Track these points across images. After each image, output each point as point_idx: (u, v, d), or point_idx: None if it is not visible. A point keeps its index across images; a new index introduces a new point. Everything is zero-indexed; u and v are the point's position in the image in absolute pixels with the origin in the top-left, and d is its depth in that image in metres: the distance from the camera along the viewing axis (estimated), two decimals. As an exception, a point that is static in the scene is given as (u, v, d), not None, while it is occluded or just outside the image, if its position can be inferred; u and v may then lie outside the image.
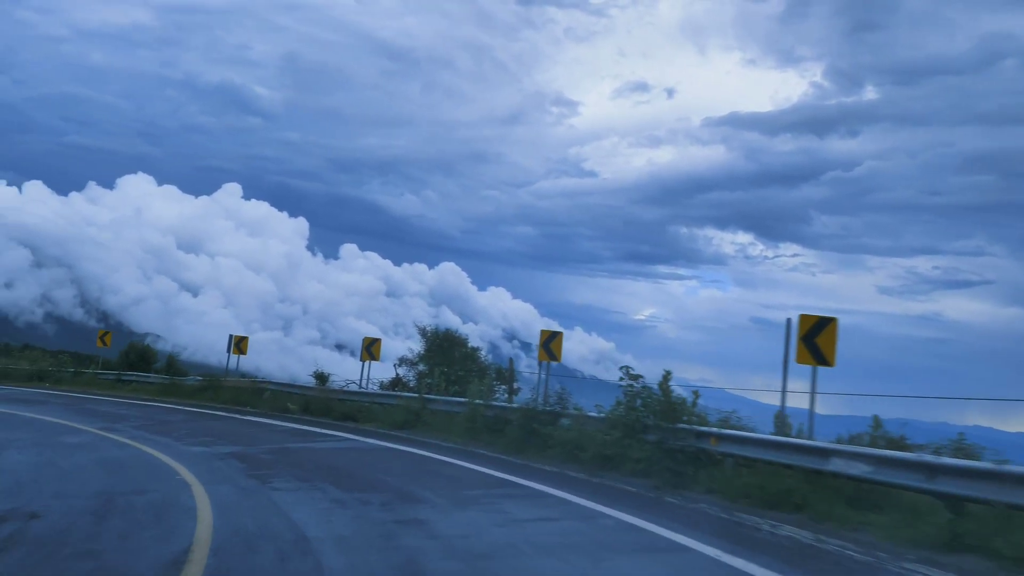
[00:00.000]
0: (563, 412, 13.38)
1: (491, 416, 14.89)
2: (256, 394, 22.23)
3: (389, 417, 17.37)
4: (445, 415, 16.33)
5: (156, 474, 10.55)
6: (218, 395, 22.20)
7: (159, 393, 23.65)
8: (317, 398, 19.97)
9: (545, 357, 16.12)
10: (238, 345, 24.46)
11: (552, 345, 16.11)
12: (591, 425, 12.26)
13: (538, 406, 13.85)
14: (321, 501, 8.48)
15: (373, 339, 20.96)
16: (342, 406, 19.04)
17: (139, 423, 17.19)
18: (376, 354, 20.84)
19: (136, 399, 22.74)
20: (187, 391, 23.32)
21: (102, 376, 27.34)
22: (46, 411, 18.96)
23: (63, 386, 26.02)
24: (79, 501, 8.17)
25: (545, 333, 16.22)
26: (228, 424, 17.66)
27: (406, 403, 17.40)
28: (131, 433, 15.22)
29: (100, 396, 23.27)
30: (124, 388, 25.06)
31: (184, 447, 13.40)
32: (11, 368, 28.62)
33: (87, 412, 19.22)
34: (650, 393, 11.31)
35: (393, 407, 17.89)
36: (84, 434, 15.05)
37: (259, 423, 17.88)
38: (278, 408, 20.24)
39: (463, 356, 23.48)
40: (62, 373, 27.20)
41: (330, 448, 13.80)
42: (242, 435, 15.64)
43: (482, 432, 14.76)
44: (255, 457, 12.28)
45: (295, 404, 20.13)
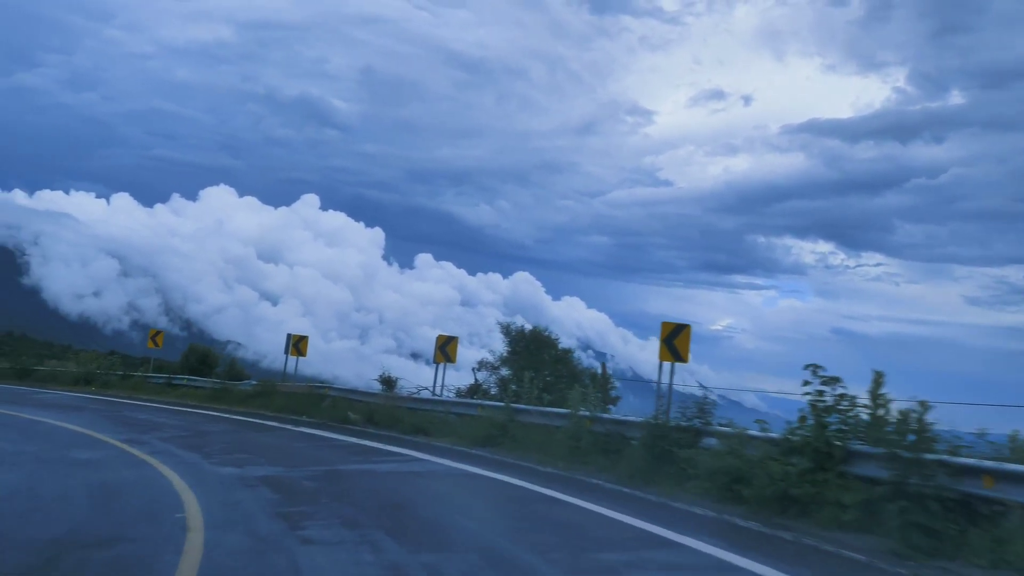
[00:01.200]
0: (708, 429, 9.98)
1: (602, 433, 11.61)
2: (314, 401, 19.57)
3: (468, 431, 14.29)
4: (539, 430, 13.14)
5: (153, 510, 7.84)
6: (271, 402, 19.65)
7: (208, 399, 21.34)
8: (383, 407, 17.10)
9: (668, 357, 12.74)
10: (296, 345, 21.91)
11: (677, 342, 12.71)
12: (754, 448, 8.83)
13: (669, 420, 10.48)
14: (369, 570, 5.40)
15: (448, 337, 17.97)
16: (412, 416, 16.09)
17: (172, 434, 14.66)
18: (452, 355, 17.83)
19: (181, 405, 20.44)
20: (238, 397, 20.91)
21: (152, 380, 25.35)
22: (76, 418, 16.72)
23: (110, 390, 24.14)
24: (12, 555, 5.47)
25: (667, 327, 12.83)
26: (274, 437, 14.93)
27: (490, 414, 14.29)
28: (157, 447, 12.69)
29: (143, 402, 21.10)
30: (173, 393, 22.89)
31: (211, 467, 10.69)
32: (59, 371, 27.02)
33: (120, 420, 16.87)
34: (852, 404, 7.84)
35: (473, 419, 14.82)
36: (102, 447, 12.64)
37: (311, 436, 15.08)
38: (337, 418, 17.47)
39: (554, 359, 20.28)
40: (110, 376, 25.35)
41: (393, 472, 10.78)
42: (287, 452, 12.83)
43: (590, 453, 11.51)
44: (294, 484, 9.38)
45: (357, 413, 17.32)
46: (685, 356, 12.73)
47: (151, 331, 26.61)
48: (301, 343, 22.06)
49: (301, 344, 22.04)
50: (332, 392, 20.07)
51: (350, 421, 17.13)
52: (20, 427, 15.33)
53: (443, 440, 14.51)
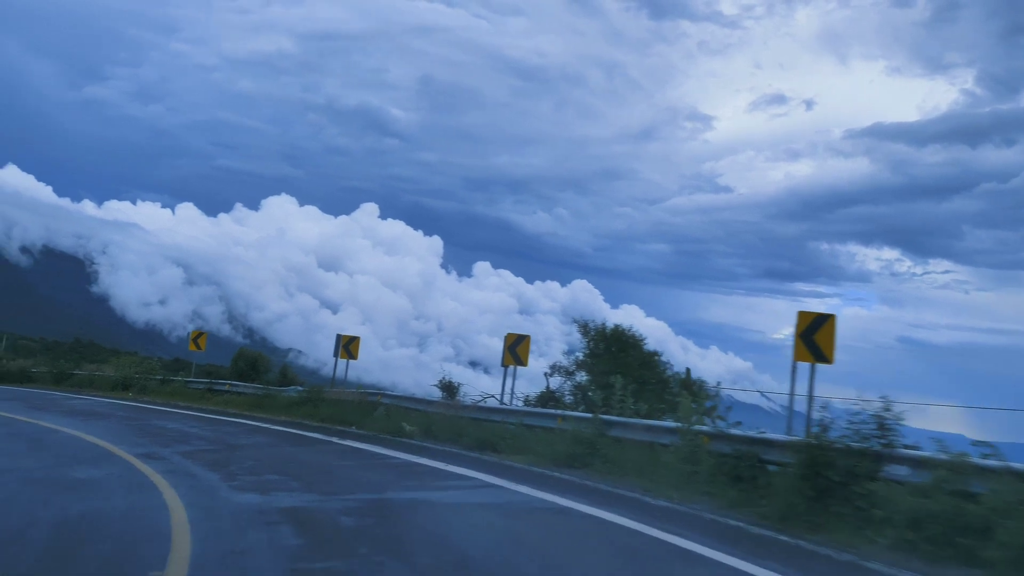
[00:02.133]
0: (894, 453, 7.24)
1: (728, 455, 8.96)
2: (365, 410, 17.35)
3: (547, 447, 11.78)
4: (638, 448, 10.56)
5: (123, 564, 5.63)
6: (317, 410, 17.51)
7: (250, 406, 19.37)
8: (443, 417, 14.72)
9: (807, 356, 10.04)
10: (346, 347, 19.77)
11: (819, 336, 9.99)
12: (985, 483, 6.09)
13: (831, 439, 7.76)
14: None
15: (518, 336, 15.51)
16: (477, 429, 13.66)
17: (197, 447, 12.58)
18: (523, 357, 15.37)
19: (218, 414, 18.49)
20: (282, 405, 18.87)
21: (192, 385, 23.60)
22: (97, 427, 14.85)
23: (147, 396, 22.49)
24: None
25: (805, 318, 10.13)
26: (315, 452, 12.69)
27: (573, 427, 11.75)
28: (174, 464, 10.60)
29: (179, 409, 19.24)
30: (213, 400, 21.05)
31: (229, 493, 8.48)
32: (96, 376, 25.52)
33: (145, 430, 14.92)
34: None
35: (552, 433, 12.32)
36: (110, 464, 10.67)
37: (359, 452, 12.79)
38: (390, 429, 15.16)
39: (640, 362, 17.59)
40: (149, 380, 23.69)
41: (458, 504, 8.36)
42: (327, 472, 10.54)
43: (714, 481, 8.87)
44: (327, 521, 7.04)
45: (413, 424, 14.99)
46: (830, 355, 10.08)
47: (192, 332, 24.95)
48: (352, 345, 19.92)
49: (352, 346, 19.90)
50: (385, 399, 17.82)
51: (405, 433, 14.81)
52: (31, 437, 13.51)
53: (516, 458, 12.01)
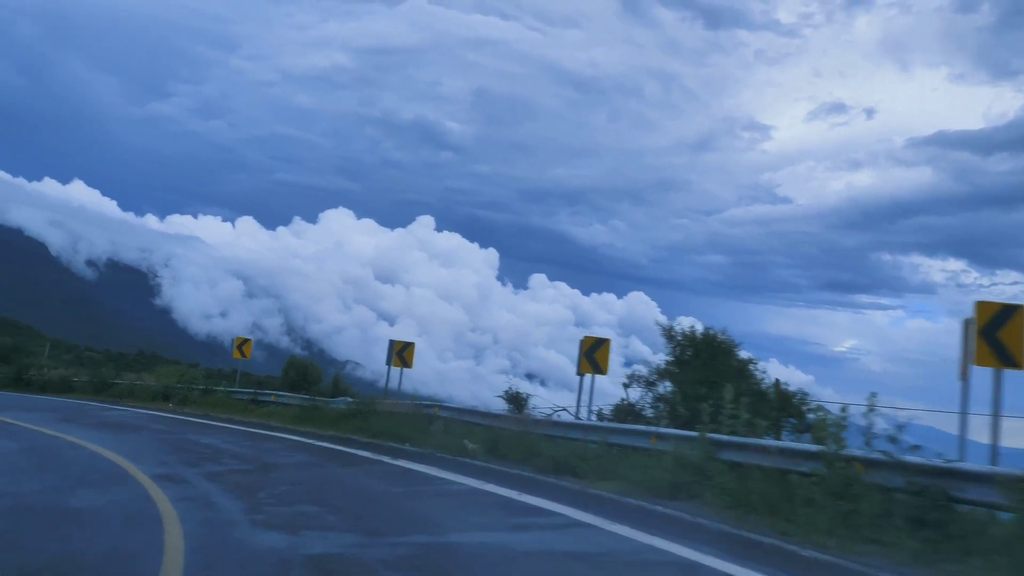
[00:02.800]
0: None
1: (903, 489, 6.73)
2: (420, 424, 15.48)
3: (641, 472, 9.68)
4: (764, 476, 8.36)
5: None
6: (368, 424, 15.68)
7: (295, 420, 17.71)
8: (510, 433, 12.71)
9: (991, 360, 7.75)
10: (400, 354, 17.96)
11: (1005, 333, 7.70)
12: None
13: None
14: None
15: (596, 340, 13.45)
16: (551, 448, 11.63)
17: (227, 467, 10.86)
18: (603, 364, 13.30)
19: (260, 427, 16.84)
20: (329, 418, 17.12)
21: (235, 395, 22.11)
22: (124, 442, 13.35)
23: (187, 407, 21.08)
24: None
25: (987, 310, 7.84)
26: (363, 475, 10.83)
27: (674, 448, 9.60)
28: (194, 489, 8.92)
29: (219, 421, 17.68)
30: (256, 412, 19.47)
31: (248, 532, 6.69)
32: (137, 386, 24.26)
33: (175, 445, 13.31)
34: None
35: (645, 455, 10.21)
36: (121, 487, 9.17)
37: (413, 475, 10.88)
38: (450, 447, 13.22)
39: (733, 370, 15.35)
40: (191, 390, 22.29)
41: (542, 553, 6.35)
42: (373, 503, 8.64)
43: (882, 525, 6.64)
44: (364, 585, 5.10)
45: (476, 441, 13.01)
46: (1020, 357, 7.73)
47: (237, 339, 23.58)
48: (406, 352, 18.10)
49: (406, 353, 18.08)
50: (443, 412, 15.91)
51: (467, 452, 12.84)
52: (48, 453, 12.01)
53: (603, 485, 9.92)
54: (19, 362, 31.10)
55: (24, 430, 14.85)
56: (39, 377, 27.98)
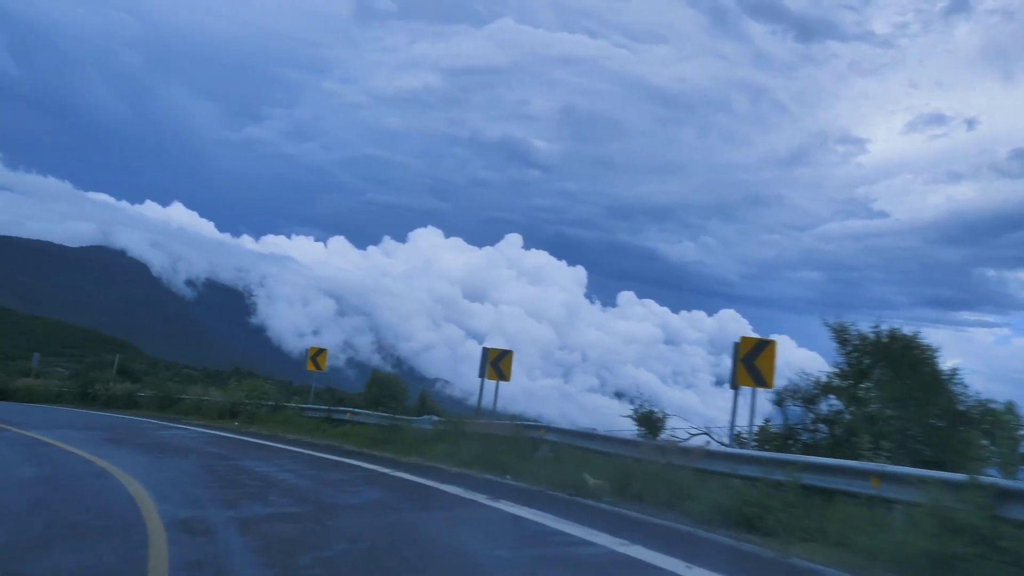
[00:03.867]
0: None
1: None
2: (522, 450, 12.47)
3: (863, 534, 6.33)
4: None
5: None
6: (457, 449, 12.76)
7: (371, 442, 14.97)
8: (646, 466, 9.52)
9: None
10: (496, 365, 15.04)
11: None
12: None
13: None
14: None
15: (757, 341, 10.12)
16: (708, 489, 8.40)
17: (272, 510, 8.11)
18: (767, 373, 9.95)
19: (330, 451, 14.15)
20: (411, 440, 14.29)
21: (308, 412, 19.64)
22: (162, 470, 10.92)
23: (254, 426, 18.71)
24: None
25: None
26: (451, 526, 7.87)
27: (929, 499, 6.22)
28: (213, 548, 6.27)
29: (282, 444, 15.13)
30: (329, 432, 16.86)
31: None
32: (204, 401, 22.12)
33: (221, 475, 10.71)
34: None
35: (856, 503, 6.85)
36: (118, 539, 6.80)
37: (523, 524, 7.83)
38: (564, 482, 10.14)
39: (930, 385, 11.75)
40: (260, 407, 19.93)
41: None
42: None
43: None
44: None
45: (598, 475, 9.86)
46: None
47: (311, 349, 21.19)
48: (503, 361, 15.16)
49: (503, 363, 15.14)
50: (551, 436, 12.84)
51: (587, 490, 9.72)
52: (60, 485, 9.63)
53: (811, 554, 6.62)
54: (84, 376, 29.99)
55: (57, 453, 12.64)
56: (104, 392, 26.50)
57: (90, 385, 27.52)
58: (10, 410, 22.73)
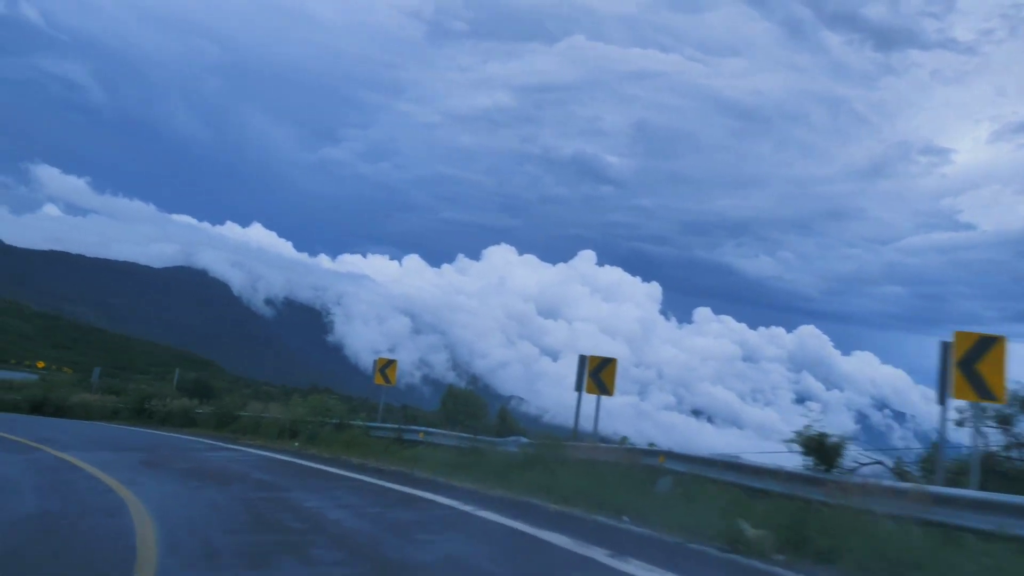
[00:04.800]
0: None
1: None
2: (637, 482, 9.84)
3: None
4: None
5: None
6: (554, 479, 10.21)
7: (448, 467, 12.50)
8: (828, 510, 6.79)
9: None
10: (596, 375, 12.48)
11: None
12: None
13: None
14: None
15: (981, 338, 7.28)
16: (935, 548, 5.60)
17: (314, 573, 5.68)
18: (996, 386, 7.08)
19: (398, 479, 11.73)
20: (495, 466, 11.76)
21: (375, 432, 17.33)
22: (192, 504, 8.77)
23: (315, 447, 16.49)
24: None
25: None
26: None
27: None
28: None
29: (343, 469, 12.78)
30: (399, 455, 14.46)
31: None
32: (263, 419, 20.05)
33: (258, 515, 8.45)
34: None
35: None
36: None
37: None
38: (704, 527, 7.48)
39: None
40: (321, 426, 17.68)
41: None
42: None
43: None
44: None
45: (759, 523, 7.18)
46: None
47: (379, 360, 19.00)
48: (604, 371, 12.58)
49: (605, 373, 12.55)
50: (673, 464, 10.17)
51: (745, 543, 7.02)
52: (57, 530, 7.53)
53: None
54: (139, 392, 28.70)
55: (80, 480, 10.67)
56: (161, 409, 24.95)
57: (146, 401, 26.10)
58: (58, 428, 21.32)
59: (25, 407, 30.15)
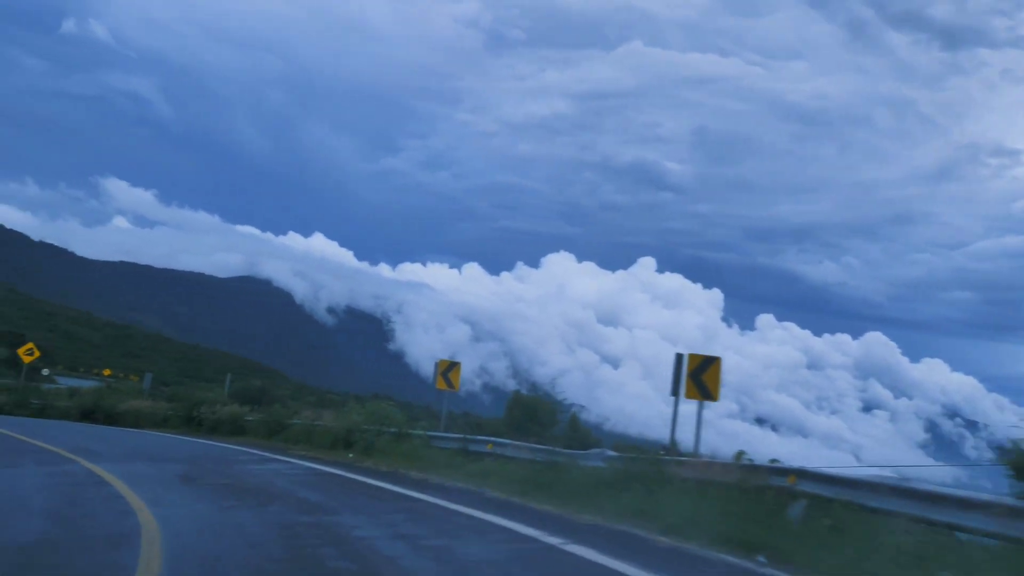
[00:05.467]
0: None
1: None
2: (763, 508, 7.90)
3: None
4: None
5: None
6: (657, 503, 8.31)
7: (522, 485, 10.60)
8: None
9: None
10: (696, 377, 10.50)
11: None
12: None
13: None
14: None
15: None
16: None
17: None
18: None
19: (465, 499, 9.90)
20: (581, 486, 9.84)
21: (437, 442, 15.56)
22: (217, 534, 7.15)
23: (371, 458, 14.75)
24: None
25: None
26: None
27: None
28: None
29: (401, 487, 11.00)
30: (464, 469, 12.63)
31: None
32: (316, 427, 18.35)
33: (297, 548, 6.78)
34: None
35: None
36: None
37: None
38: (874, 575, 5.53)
39: None
40: (379, 435, 15.92)
41: None
42: None
43: None
44: None
45: (956, 571, 5.21)
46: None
47: (441, 363, 17.28)
48: (707, 373, 10.60)
49: (707, 376, 10.57)
50: (807, 485, 8.16)
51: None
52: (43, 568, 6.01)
53: None
54: (188, 399, 27.55)
55: (100, 498, 9.22)
56: (210, 416, 23.68)
57: (195, 408, 24.96)
58: (101, 437, 20.25)
59: (75, 414, 29.60)
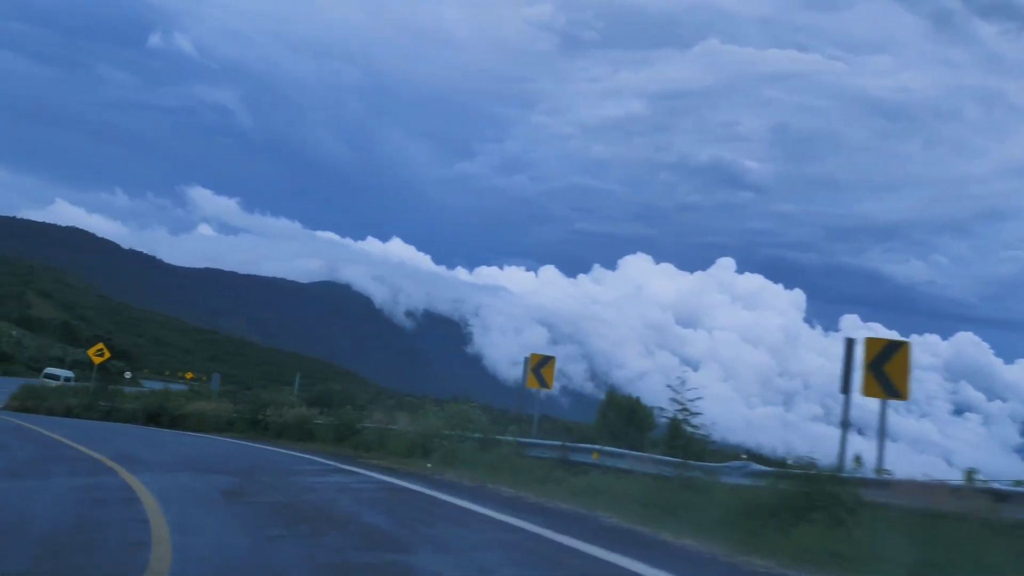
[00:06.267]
0: None
1: None
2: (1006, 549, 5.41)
3: None
4: None
5: None
6: (851, 541, 5.90)
7: (651, 507, 8.25)
8: None
9: None
10: (876, 368, 7.90)
11: None
12: None
13: None
14: None
15: None
16: None
17: None
18: None
19: (576, 528, 7.63)
20: (728, 509, 7.46)
21: (529, 450, 13.24)
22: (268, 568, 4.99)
23: (453, 469, 12.57)
24: None
25: None
26: None
27: None
28: None
29: (490, 508, 8.74)
30: (564, 484, 10.32)
31: None
32: (390, 432, 16.22)
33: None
34: None
35: None
36: None
37: None
38: None
39: None
40: (461, 443, 13.68)
41: None
42: None
43: None
44: None
45: None
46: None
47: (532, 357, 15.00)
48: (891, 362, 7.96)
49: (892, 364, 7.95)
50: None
51: None
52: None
53: None
54: (255, 399, 26.10)
55: (116, 524, 7.35)
56: (276, 419, 22.02)
57: (261, 411, 23.42)
58: (154, 442, 18.84)
59: (141, 417, 28.74)
